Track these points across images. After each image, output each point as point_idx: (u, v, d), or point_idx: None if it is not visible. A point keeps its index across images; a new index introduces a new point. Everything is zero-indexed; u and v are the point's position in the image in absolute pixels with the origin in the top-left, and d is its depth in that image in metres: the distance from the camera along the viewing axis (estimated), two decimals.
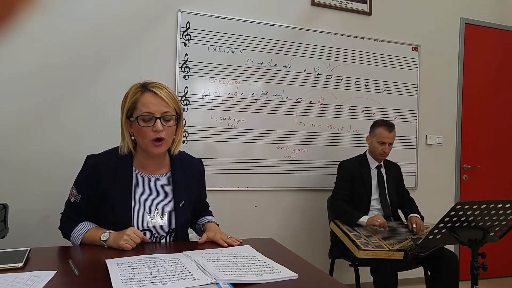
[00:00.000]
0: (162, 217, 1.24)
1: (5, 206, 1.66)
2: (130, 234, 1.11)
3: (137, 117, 1.16)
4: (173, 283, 0.80)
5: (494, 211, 1.44)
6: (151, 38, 2.21)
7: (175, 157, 1.31)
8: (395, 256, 1.74)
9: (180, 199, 1.27)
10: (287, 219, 2.51)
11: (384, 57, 2.72)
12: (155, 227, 1.23)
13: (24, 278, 0.85)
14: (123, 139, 1.23)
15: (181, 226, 1.27)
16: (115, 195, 1.20)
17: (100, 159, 1.24)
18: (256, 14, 2.42)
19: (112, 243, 1.12)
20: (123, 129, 1.22)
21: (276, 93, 2.46)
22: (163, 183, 1.27)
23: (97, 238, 1.15)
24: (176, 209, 1.26)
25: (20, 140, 1.97)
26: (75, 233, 1.21)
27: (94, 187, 1.21)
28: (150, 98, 1.16)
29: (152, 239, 1.23)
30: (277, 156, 2.46)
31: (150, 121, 1.16)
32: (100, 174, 1.21)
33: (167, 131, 1.18)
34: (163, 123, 1.17)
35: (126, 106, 1.19)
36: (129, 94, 1.20)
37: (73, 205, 1.24)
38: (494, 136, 3.09)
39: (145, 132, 1.16)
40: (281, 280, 0.87)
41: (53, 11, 2.02)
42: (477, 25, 3.03)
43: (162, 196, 1.26)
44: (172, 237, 1.27)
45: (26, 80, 1.98)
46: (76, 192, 1.23)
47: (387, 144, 2.18)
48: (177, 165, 1.30)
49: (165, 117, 1.17)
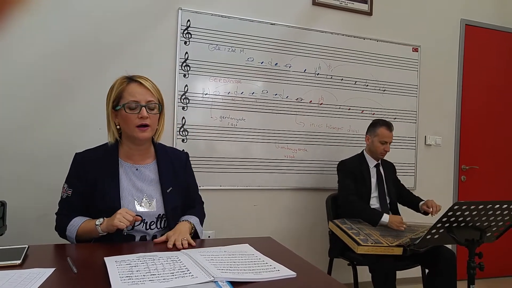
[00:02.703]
0: (150, 203, 1.27)
1: (3, 203, 1.66)
2: (122, 213, 1.15)
3: (124, 105, 1.24)
4: (171, 281, 0.81)
5: (491, 211, 1.45)
6: (151, 36, 2.20)
7: (159, 147, 1.38)
8: (394, 251, 1.75)
9: (167, 186, 1.31)
10: (286, 218, 2.52)
11: (384, 57, 2.73)
12: (144, 212, 1.25)
13: (22, 275, 0.85)
14: (109, 130, 1.30)
15: (171, 211, 1.30)
16: (104, 185, 1.25)
17: (88, 153, 1.32)
18: (257, 13, 2.42)
19: (106, 227, 1.16)
20: (109, 119, 1.29)
21: (276, 93, 2.46)
22: (149, 172, 1.32)
23: (92, 226, 1.19)
24: (164, 195, 1.29)
25: (19, 137, 1.97)
26: (70, 227, 1.23)
27: (84, 179, 1.26)
28: (136, 88, 1.25)
29: (142, 225, 1.25)
30: (277, 155, 2.46)
31: (136, 109, 1.24)
32: (88, 166, 1.27)
33: (151, 119, 1.26)
34: (148, 111, 1.25)
35: (112, 96, 1.27)
36: (115, 85, 1.28)
37: (66, 200, 1.28)
38: (493, 138, 3.10)
39: (130, 118, 1.24)
40: (280, 279, 0.88)
41: (53, 9, 2.02)
42: (477, 26, 3.03)
43: (149, 184, 1.31)
44: (164, 223, 1.29)
45: (25, 77, 1.98)
46: (67, 187, 1.28)
47: (388, 143, 2.21)
48: (162, 155, 1.36)
49: (150, 105, 1.25)
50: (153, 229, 1.27)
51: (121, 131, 1.30)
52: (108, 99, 1.28)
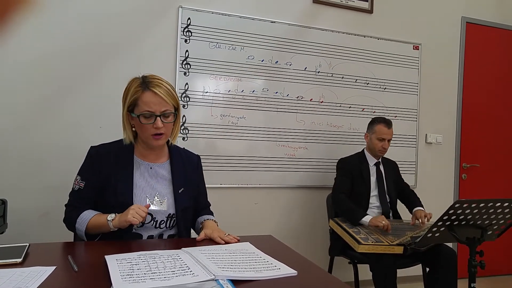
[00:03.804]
0: (162, 202, 1.28)
1: (4, 201, 1.66)
2: (135, 208, 1.15)
3: (139, 115, 1.22)
4: (172, 279, 0.80)
5: (492, 209, 1.44)
6: (151, 34, 2.20)
7: (173, 148, 1.38)
8: (394, 250, 1.75)
9: (179, 186, 1.32)
10: (287, 216, 2.52)
11: (385, 55, 2.72)
12: (155, 211, 1.26)
13: (23, 273, 0.85)
14: (125, 130, 1.30)
15: (181, 212, 1.31)
16: (117, 180, 1.25)
17: (103, 148, 1.31)
18: (257, 11, 2.41)
19: (119, 222, 1.16)
20: (124, 121, 1.29)
21: (277, 91, 2.45)
22: (163, 170, 1.33)
23: (103, 221, 1.18)
24: (175, 195, 1.30)
25: (20, 136, 1.97)
26: (80, 220, 1.23)
27: (97, 173, 1.26)
28: (150, 98, 1.22)
29: (153, 223, 1.26)
30: (277, 153, 2.45)
31: (151, 118, 1.22)
32: (103, 161, 1.27)
33: (166, 127, 1.25)
34: (163, 119, 1.23)
35: (127, 102, 1.25)
36: (130, 91, 1.25)
37: (77, 192, 1.28)
38: (494, 136, 3.09)
39: (146, 127, 1.24)
40: (280, 277, 0.88)
41: (54, 7, 2.01)
42: (478, 24, 3.02)
43: (162, 183, 1.31)
44: (173, 223, 1.30)
45: (26, 75, 1.97)
46: (80, 179, 1.28)
47: (386, 140, 2.20)
48: (175, 155, 1.37)
49: (165, 114, 1.24)
50: (162, 228, 1.27)
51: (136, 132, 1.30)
52: (124, 101, 1.27)
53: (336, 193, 2.20)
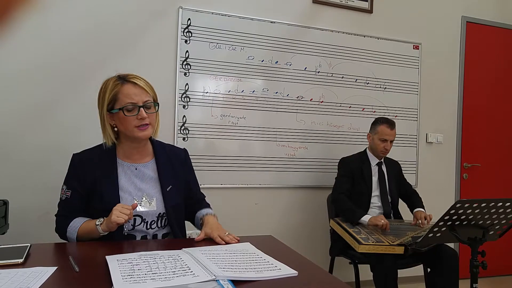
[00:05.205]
0: (150, 202, 1.27)
1: (5, 202, 1.66)
2: (118, 208, 1.14)
3: (121, 108, 1.21)
4: (173, 279, 0.80)
5: (494, 209, 1.44)
6: (152, 35, 2.20)
7: (157, 145, 1.37)
8: (395, 250, 1.75)
9: (166, 184, 1.30)
10: (287, 216, 2.51)
11: (385, 55, 2.72)
12: (144, 212, 1.25)
13: (24, 274, 0.85)
14: (105, 133, 1.27)
15: (172, 210, 1.29)
16: (103, 185, 1.24)
17: (85, 154, 1.31)
18: (257, 11, 2.41)
19: (106, 225, 1.16)
20: (104, 122, 1.26)
21: (277, 91, 2.45)
22: (148, 170, 1.32)
23: (92, 227, 1.18)
24: (163, 194, 1.29)
25: (20, 136, 1.97)
26: (70, 228, 1.22)
27: (82, 180, 1.25)
28: (131, 89, 1.22)
29: (143, 225, 1.25)
30: (278, 153, 2.45)
31: (134, 110, 1.22)
32: (86, 167, 1.26)
33: (150, 117, 1.25)
34: (146, 110, 1.23)
35: (106, 99, 1.24)
36: (107, 89, 1.24)
37: (65, 202, 1.27)
38: (495, 135, 3.09)
39: (129, 120, 1.22)
40: (281, 277, 0.87)
41: (54, 8, 2.01)
42: (478, 23, 3.02)
43: (148, 183, 1.30)
44: (165, 222, 1.29)
45: (25, 77, 1.98)
46: (66, 188, 1.27)
47: (389, 141, 2.19)
48: (160, 153, 1.35)
49: (147, 105, 1.24)
50: (153, 228, 1.27)
51: (118, 132, 1.29)
52: (101, 102, 1.25)
53: (336, 193, 2.20)
